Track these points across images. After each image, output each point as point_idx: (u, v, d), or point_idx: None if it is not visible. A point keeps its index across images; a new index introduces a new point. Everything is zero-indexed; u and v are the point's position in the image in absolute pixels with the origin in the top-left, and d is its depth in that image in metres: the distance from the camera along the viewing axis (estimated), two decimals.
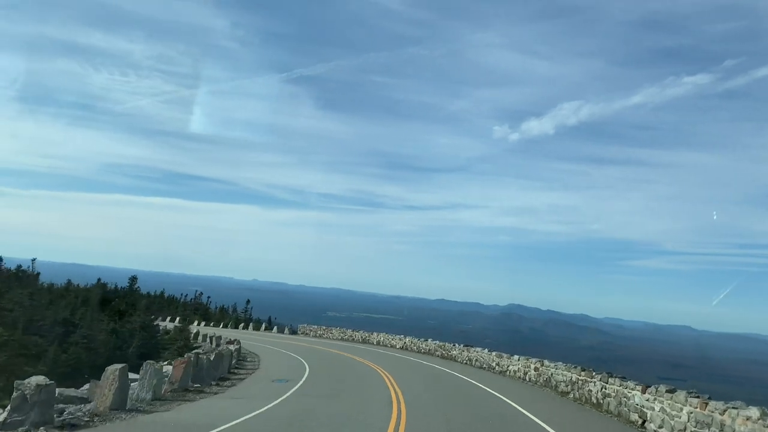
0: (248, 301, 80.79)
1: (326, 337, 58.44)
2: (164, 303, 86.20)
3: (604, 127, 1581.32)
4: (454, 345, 40.86)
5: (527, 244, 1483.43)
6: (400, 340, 49.33)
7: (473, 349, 36.76)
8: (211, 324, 72.95)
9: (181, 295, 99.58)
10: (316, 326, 62.23)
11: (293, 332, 63.88)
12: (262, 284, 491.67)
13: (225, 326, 71.48)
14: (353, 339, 55.02)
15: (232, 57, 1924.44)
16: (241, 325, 71.51)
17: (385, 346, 49.83)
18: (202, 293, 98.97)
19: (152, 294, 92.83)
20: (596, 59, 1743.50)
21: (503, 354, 32.23)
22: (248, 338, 48.56)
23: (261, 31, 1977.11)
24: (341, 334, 57.34)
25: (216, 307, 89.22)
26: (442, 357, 40.67)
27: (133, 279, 59.32)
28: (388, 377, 26.44)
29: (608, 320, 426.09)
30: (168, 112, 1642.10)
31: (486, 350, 34.90)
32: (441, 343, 42.75)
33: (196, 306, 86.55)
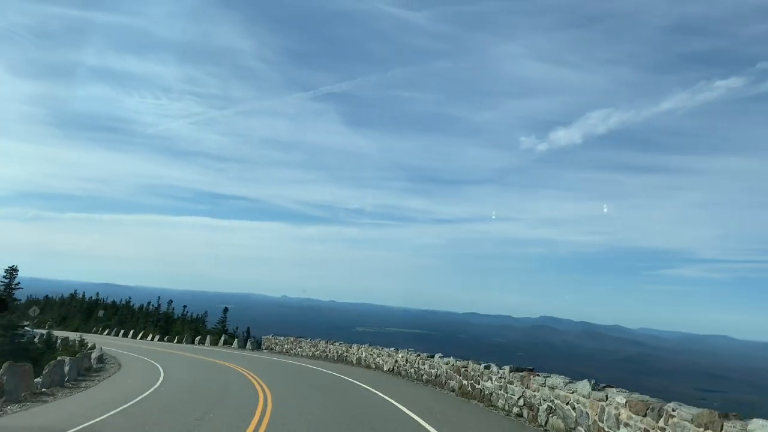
0: (226, 310, 66.78)
1: (294, 353, 43.96)
2: (127, 314, 74.34)
3: (634, 135, 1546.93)
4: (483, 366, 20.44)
5: (558, 256, 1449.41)
6: (390, 356, 31.32)
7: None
8: (165, 339, 61.40)
9: (185, 310, 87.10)
10: (283, 338, 47.43)
11: (258, 346, 49.54)
12: (291, 300, 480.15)
13: (180, 341, 58.54)
14: (326, 355, 40.07)
15: (259, 77, 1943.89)
16: (198, 338, 58.35)
17: (368, 366, 33.72)
18: (227, 309, 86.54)
19: (117, 304, 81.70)
20: (624, 66, 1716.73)
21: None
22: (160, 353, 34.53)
23: (287, 50, 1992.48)
24: (312, 349, 42.45)
25: (186, 317, 75.36)
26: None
27: (12, 272, 45.57)
28: None
29: (644, 331, 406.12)
30: (198, 132, 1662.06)
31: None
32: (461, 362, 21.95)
33: (166, 319, 73.07)
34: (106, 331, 74.64)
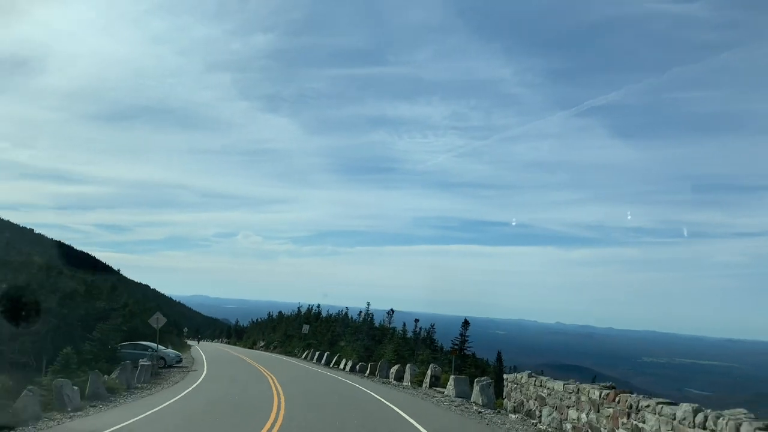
0: (465, 323, 38.21)
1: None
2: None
3: None
4: None
5: None
6: None
7: None
8: None
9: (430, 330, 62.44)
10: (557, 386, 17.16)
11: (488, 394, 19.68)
12: (566, 327, 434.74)
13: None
14: None
15: (519, 102, 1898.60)
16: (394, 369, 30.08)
17: None
18: (467, 322, 61.91)
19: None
20: None
21: None
22: None
23: (546, 71, 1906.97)
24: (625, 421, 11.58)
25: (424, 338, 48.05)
26: None
27: None
28: None
29: None
30: (462, 164, 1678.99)
31: None
32: None
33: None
34: (305, 354, 51.18)
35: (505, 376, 17.83)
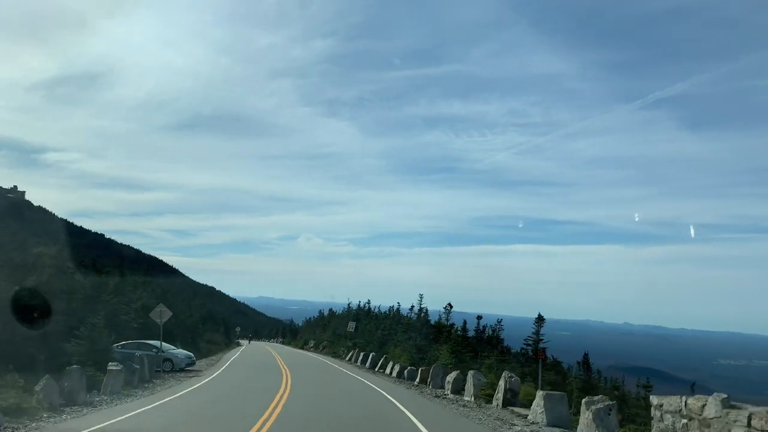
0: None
1: None
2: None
3: None
4: None
5: None
6: None
7: None
8: None
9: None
10: None
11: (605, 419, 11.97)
12: (635, 328, 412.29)
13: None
14: None
15: (580, 97, 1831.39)
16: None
17: None
18: (538, 336, 53.74)
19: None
20: None
21: None
22: None
23: (606, 64, 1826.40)
24: None
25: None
26: None
27: None
28: None
29: None
30: (522, 162, 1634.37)
31: None
32: None
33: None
34: (350, 355, 44.20)
35: (652, 399, 9.77)
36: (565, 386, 25.41)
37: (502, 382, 17.39)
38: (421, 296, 44.11)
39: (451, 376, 21.69)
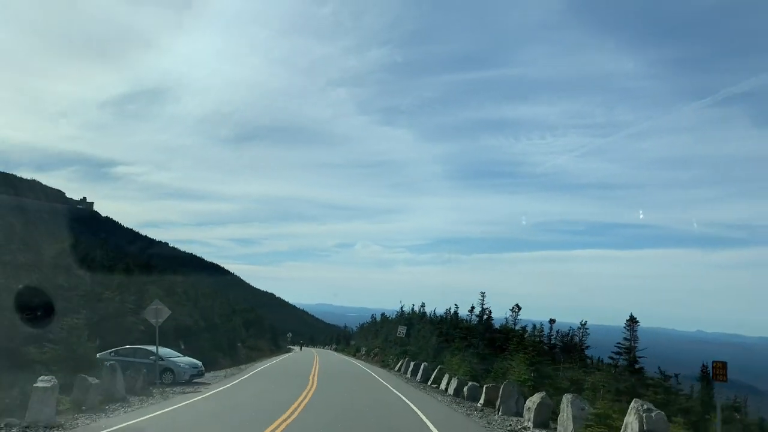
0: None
1: None
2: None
3: None
4: None
5: None
6: None
7: None
8: None
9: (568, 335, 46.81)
10: None
11: None
12: (708, 336, 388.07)
13: None
14: None
15: (645, 95, 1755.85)
16: None
17: None
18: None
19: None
20: None
21: None
22: None
23: (676, 60, 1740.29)
24: None
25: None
26: None
27: None
28: None
29: None
30: (584, 164, 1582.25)
31: None
32: None
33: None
34: (399, 364, 38.08)
35: None
36: (670, 406, 18.25)
37: (632, 419, 10.41)
38: (483, 294, 37.17)
39: (532, 401, 15.02)
